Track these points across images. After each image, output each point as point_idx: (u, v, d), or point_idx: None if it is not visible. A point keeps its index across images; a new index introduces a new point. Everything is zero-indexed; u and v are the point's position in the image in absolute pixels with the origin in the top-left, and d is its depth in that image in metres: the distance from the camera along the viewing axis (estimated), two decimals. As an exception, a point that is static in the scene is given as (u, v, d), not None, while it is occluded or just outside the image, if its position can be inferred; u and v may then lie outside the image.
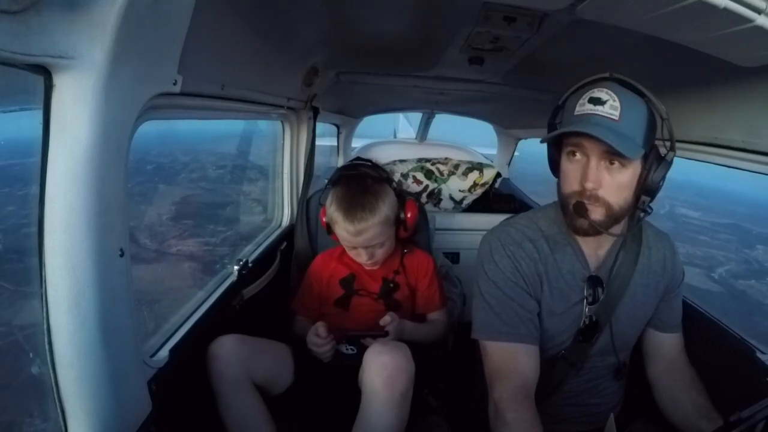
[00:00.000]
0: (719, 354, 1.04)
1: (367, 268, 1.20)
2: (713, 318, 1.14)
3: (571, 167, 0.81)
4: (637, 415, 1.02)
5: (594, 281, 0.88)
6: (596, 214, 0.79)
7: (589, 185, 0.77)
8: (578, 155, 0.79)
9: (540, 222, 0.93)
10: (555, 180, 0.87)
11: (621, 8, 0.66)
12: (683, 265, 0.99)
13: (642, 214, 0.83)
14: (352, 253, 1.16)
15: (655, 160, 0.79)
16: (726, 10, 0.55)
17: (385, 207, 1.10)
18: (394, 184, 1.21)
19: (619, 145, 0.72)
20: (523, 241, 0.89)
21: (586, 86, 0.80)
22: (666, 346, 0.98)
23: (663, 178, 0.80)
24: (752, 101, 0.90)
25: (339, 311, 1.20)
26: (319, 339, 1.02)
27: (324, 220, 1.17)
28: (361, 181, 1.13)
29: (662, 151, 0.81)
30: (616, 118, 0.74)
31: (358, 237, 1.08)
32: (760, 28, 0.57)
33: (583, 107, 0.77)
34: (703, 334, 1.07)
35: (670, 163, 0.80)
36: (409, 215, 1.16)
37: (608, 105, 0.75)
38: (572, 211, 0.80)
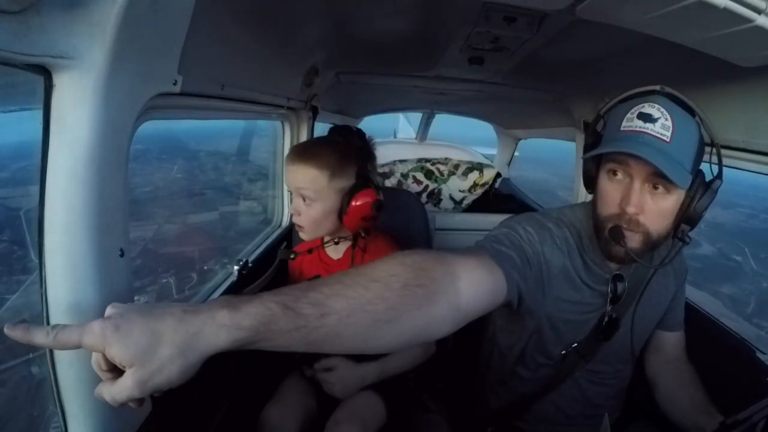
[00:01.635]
0: (719, 354, 1.04)
1: (300, 233, 1.07)
2: (713, 318, 1.14)
3: (610, 187, 0.75)
4: (637, 415, 1.02)
5: (616, 279, 0.85)
6: (633, 241, 0.74)
7: (630, 209, 0.72)
8: (620, 175, 0.74)
9: (569, 218, 0.89)
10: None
11: (621, 8, 0.66)
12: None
13: (681, 244, 0.77)
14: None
15: (700, 187, 0.73)
16: (726, 10, 0.55)
17: (331, 165, 1.00)
18: (378, 178, 1.13)
19: (669, 170, 0.66)
20: (557, 228, 0.85)
21: (634, 98, 0.74)
22: (668, 344, 0.98)
23: (706, 207, 0.74)
24: (752, 101, 0.90)
25: None
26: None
27: None
28: (330, 137, 1.08)
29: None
30: (667, 139, 0.68)
31: (288, 174, 1.04)
32: (760, 28, 0.57)
33: (632, 123, 0.70)
34: (703, 334, 1.07)
35: (716, 191, 0.73)
36: (355, 203, 1.00)
37: (659, 123, 0.68)
38: (608, 236, 0.75)
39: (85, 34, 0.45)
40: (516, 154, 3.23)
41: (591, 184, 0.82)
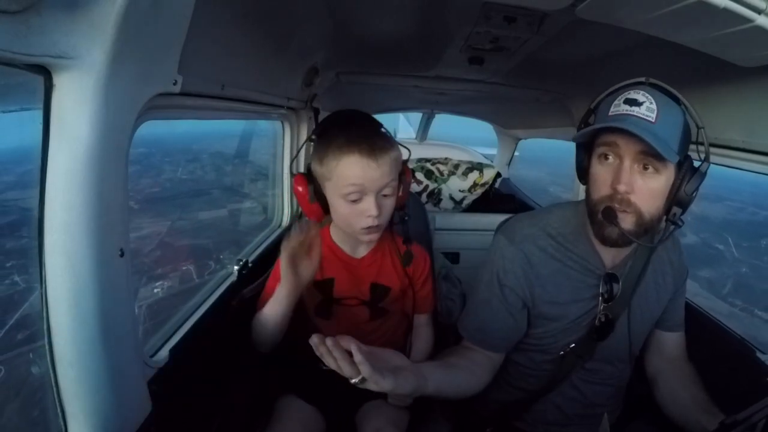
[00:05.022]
0: (719, 354, 1.04)
1: (375, 223, 0.91)
2: (713, 318, 1.14)
3: (602, 170, 0.78)
4: (637, 415, 1.02)
5: (610, 278, 0.86)
6: (626, 222, 0.76)
7: (621, 187, 0.74)
8: (611, 158, 0.77)
9: (549, 220, 0.91)
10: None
11: (621, 8, 0.66)
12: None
13: (673, 227, 0.79)
14: (352, 212, 0.90)
15: (689, 170, 0.76)
16: (726, 10, 0.55)
17: (397, 147, 0.93)
18: None
19: (656, 144, 0.69)
20: (524, 242, 0.88)
21: (621, 90, 0.78)
22: (669, 344, 0.98)
23: (696, 189, 0.76)
24: (752, 101, 0.90)
25: (320, 320, 1.04)
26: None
27: (301, 189, 0.93)
28: (367, 119, 0.96)
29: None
30: (653, 120, 0.72)
31: (376, 170, 0.87)
32: (760, 28, 0.57)
33: (619, 107, 0.74)
34: (703, 334, 1.07)
35: (704, 174, 0.76)
36: (407, 177, 0.99)
37: (645, 107, 0.72)
38: (601, 218, 0.77)
39: (85, 34, 0.45)
40: (516, 153, 3.23)
41: (584, 174, 0.84)
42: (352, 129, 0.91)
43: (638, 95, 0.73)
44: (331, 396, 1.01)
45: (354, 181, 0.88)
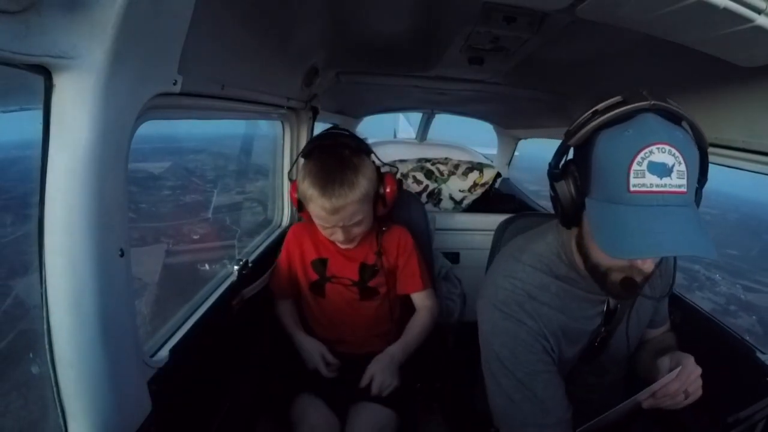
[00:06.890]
0: (719, 354, 1.04)
1: (342, 247, 1.12)
2: (713, 318, 1.14)
3: None
4: (637, 415, 1.02)
5: (609, 302, 0.84)
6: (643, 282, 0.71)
7: (648, 267, 0.67)
8: None
9: (548, 259, 0.80)
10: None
11: (621, 8, 0.66)
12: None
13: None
14: (326, 233, 1.07)
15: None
16: (726, 10, 0.55)
17: (365, 182, 1.00)
18: (374, 157, 1.11)
19: (707, 243, 0.57)
20: (537, 293, 0.77)
21: (618, 121, 0.63)
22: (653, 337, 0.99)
23: None
24: (752, 101, 0.90)
25: (316, 298, 1.17)
26: (325, 368, 1.07)
27: (294, 196, 1.08)
28: (338, 153, 1.02)
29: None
30: (685, 189, 0.59)
31: (335, 215, 0.98)
32: (760, 28, 0.57)
33: (644, 180, 0.58)
34: (703, 334, 1.07)
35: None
36: (388, 189, 1.08)
37: (675, 172, 0.58)
38: (619, 286, 0.70)
39: (85, 34, 0.45)
40: (516, 153, 3.22)
41: (575, 220, 0.71)
42: (322, 170, 1.00)
43: (664, 155, 0.58)
44: (332, 388, 1.06)
45: (320, 222, 1.04)
